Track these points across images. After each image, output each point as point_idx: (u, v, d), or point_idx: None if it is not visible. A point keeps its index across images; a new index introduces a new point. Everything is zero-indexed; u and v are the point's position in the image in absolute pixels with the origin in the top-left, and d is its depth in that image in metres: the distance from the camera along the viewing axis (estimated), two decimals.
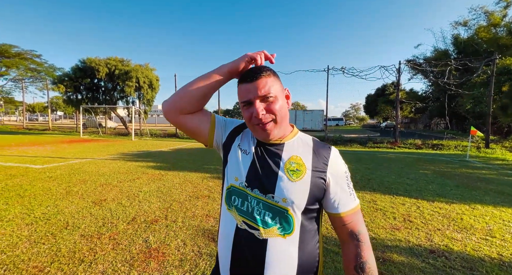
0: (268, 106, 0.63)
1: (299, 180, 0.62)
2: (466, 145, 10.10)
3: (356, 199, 0.67)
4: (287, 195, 0.61)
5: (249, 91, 0.63)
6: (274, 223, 0.62)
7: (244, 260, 0.63)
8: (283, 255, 0.61)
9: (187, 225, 2.57)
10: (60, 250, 2.00)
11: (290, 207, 0.61)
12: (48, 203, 3.05)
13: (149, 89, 16.24)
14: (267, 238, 0.61)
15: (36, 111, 50.12)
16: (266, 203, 0.63)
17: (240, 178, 0.67)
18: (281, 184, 0.62)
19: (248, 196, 0.65)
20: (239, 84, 0.67)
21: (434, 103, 23.52)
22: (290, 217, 0.62)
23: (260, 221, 0.62)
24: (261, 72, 0.64)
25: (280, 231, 0.61)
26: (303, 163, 0.65)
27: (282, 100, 0.66)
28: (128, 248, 2.07)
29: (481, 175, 5.38)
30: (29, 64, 19.45)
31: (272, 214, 0.62)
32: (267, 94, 0.62)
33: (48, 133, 16.00)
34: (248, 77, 0.65)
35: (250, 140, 0.72)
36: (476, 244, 2.29)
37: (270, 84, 0.64)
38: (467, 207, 3.28)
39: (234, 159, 0.71)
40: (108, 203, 3.14)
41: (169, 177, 4.62)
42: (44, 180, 4.16)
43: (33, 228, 2.38)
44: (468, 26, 19.76)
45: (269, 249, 0.60)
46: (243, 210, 0.65)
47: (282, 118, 0.65)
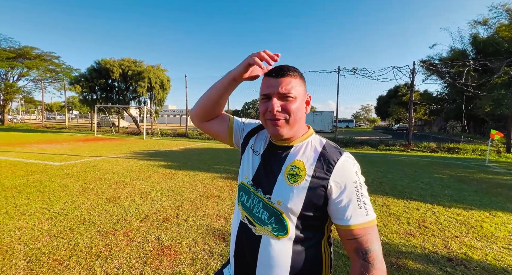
0: (285, 105, 0.63)
1: (297, 185, 0.62)
2: (485, 149, 9.65)
3: (369, 213, 0.59)
4: (282, 198, 0.63)
5: (271, 86, 0.64)
6: (269, 222, 0.64)
7: (242, 252, 0.69)
8: (275, 255, 0.62)
9: (198, 224, 2.60)
10: (78, 245, 2.07)
11: (284, 210, 0.63)
12: (66, 199, 3.18)
13: (161, 90, 16.59)
14: (261, 235, 0.65)
15: (53, 111, 52.35)
16: (264, 202, 0.66)
17: (249, 177, 0.72)
18: (278, 187, 0.64)
19: (252, 194, 0.69)
20: (265, 76, 0.67)
21: (450, 105, 22.65)
22: (284, 220, 0.63)
23: (257, 218, 0.66)
24: (288, 70, 0.64)
25: (274, 231, 0.63)
26: (304, 168, 0.63)
27: (300, 103, 0.65)
28: (141, 245, 2.12)
29: (502, 181, 5.13)
30: (48, 66, 20.38)
31: (268, 214, 0.65)
32: (287, 93, 0.62)
33: (65, 132, 16.68)
34: (274, 72, 0.64)
35: (263, 141, 0.76)
36: (498, 253, 2.18)
37: (293, 85, 0.64)
38: (487, 214, 3.13)
39: (246, 159, 0.75)
40: (122, 200, 3.23)
41: (179, 176, 4.69)
42: (62, 176, 4.33)
43: (52, 222, 2.48)
44: (488, 25, 18.89)
45: (262, 246, 0.64)
46: (247, 206, 0.70)
47: (296, 120, 0.65)
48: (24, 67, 19.77)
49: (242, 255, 0.69)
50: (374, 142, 12.06)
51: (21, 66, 19.56)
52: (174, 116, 52.47)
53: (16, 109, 40.41)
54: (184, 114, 15.94)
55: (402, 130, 27.78)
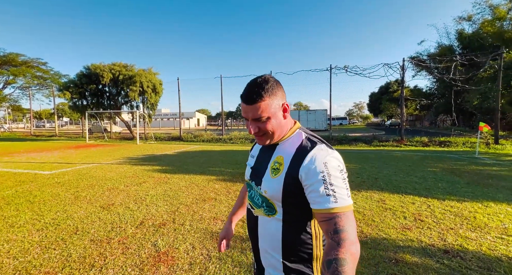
0: (261, 125, 0.73)
1: (276, 177, 0.74)
2: (474, 141, 9.90)
3: (338, 201, 0.62)
4: (267, 188, 0.76)
5: (245, 111, 0.74)
6: (262, 206, 0.79)
7: (250, 229, 0.87)
8: (268, 230, 0.77)
9: (195, 228, 2.57)
10: (71, 255, 2.01)
11: (270, 197, 0.76)
12: (58, 209, 3.09)
13: (153, 94, 16.38)
14: (257, 215, 0.82)
15: (43, 118, 51.08)
16: (258, 192, 0.81)
17: (247, 176, 0.89)
18: (265, 179, 0.77)
19: (253, 187, 0.84)
20: (241, 99, 0.75)
21: (439, 99, 23.17)
22: (271, 204, 0.76)
23: (254, 203, 0.83)
24: (256, 96, 0.70)
25: (266, 212, 0.78)
26: (283, 162, 0.74)
27: (276, 118, 0.74)
28: (137, 252, 2.07)
29: (492, 172, 5.26)
30: (35, 72, 19.84)
31: (261, 200, 0.80)
32: (259, 117, 0.72)
33: (55, 140, 16.27)
34: (245, 99, 0.72)
35: (259, 146, 0.91)
36: (492, 243, 2.22)
37: (263, 108, 0.71)
38: (479, 205, 3.20)
39: (247, 164, 0.94)
40: (116, 207, 3.16)
41: (175, 180, 4.63)
42: (53, 185, 4.21)
43: (43, 233, 2.40)
44: (472, 20, 19.46)
45: (259, 223, 0.81)
46: (250, 196, 0.87)
47: (275, 132, 0.75)
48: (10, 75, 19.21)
49: (251, 233, 0.86)
50: (367, 138, 12.21)
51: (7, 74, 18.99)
52: (168, 119, 51.94)
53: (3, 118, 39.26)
54: (178, 118, 15.78)
55: (395, 126, 28.24)
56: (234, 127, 42.91)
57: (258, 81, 0.71)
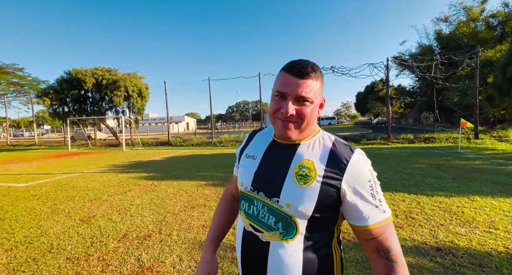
0: (301, 109, 0.59)
1: (307, 186, 0.58)
2: (456, 137, 10.30)
3: (385, 210, 0.58)
4: (292, 201, 0.58)
5: (290, 85, 0.58)
6: (277, 227, 0.60)
7: (250, 261, 0.65)
8: (285, 260, 0.59)
9: (182, 238, 2.43)
10: None
11: (294, 213, 0.59)
12: (31, 224, 2.84)
13: (139, 98, 15.92)
14: (270, 241, 0.61)
15: (21, 127, 48.46)
16: (270, 206, 0.61)
17: (245, 183, 0.68)
18: (287, 189, 0.59)
19: (254, 199, 0.65)
20: (284, 71, 0.60)
21: (422, 97, 24.10)
22: (293, 223, 0.59)
23: (263, 224, 0.62)
24: (312, 71, 0.58)
25: (283, 236, 0.60)
26: (314, 168, 0.59)
27: (315, 108, 0.62)
28: (118, 269, 1.92)
29: (475, 166, 5.44)
30: (11, 79, 18.81)
31: (275, 218, 0.61)
32: (306, 97, 0.58)
33: (34, 149, 15.41)
34: (296, 70, 0.58)
35: (261, 142, 0.72)
36: (481, 237, 2.24)
37: (313, 88, 0.59)
38: (466, 200, 3.26)
39: (241, 167, 0.72)
40: (97, 219, 2.95)
41: (162, 187, 4.44)
42: (28, 199, 3.91)
43: (12, 254, 2.18)
44: (449, 21, 20.46)
45: (271, 252, 0.60)
46: (250, 213, 0.66)
47: (308, 125, 0.62)
48: None
49: (251, 263, 0.66)
50: (356, 137, 12.42)
51: None
52: (156, 124, 50.78)
53: None
54: (166, 122, 15.42)
55: (382, 124, 29.05)
56: (224, 130, 42.58)
57: (311, 62, 0.60)
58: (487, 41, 17.09)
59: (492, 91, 11.25)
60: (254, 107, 68.18)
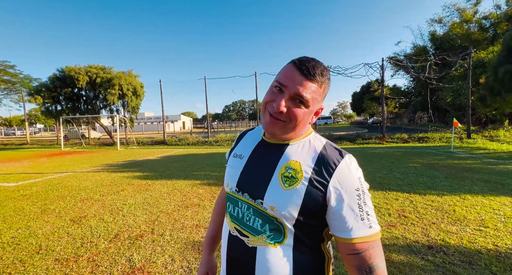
0: (294, 109, 0.55)
1: (292, 188, 0.55)
2: (449, 137, 10.45)
3: (372, 226, 0.53)
4: (276, 204, 0.55)
5: (293, 81, 0.55)
6: (263, 230, 0.57)
7: (236, 267, 0.62)
8: (274, 265, 0.56)
9: (175, 238, 2.40)
10: None
11: (278, 216, 0.56)
12: (20, 225, 2.77)
13: (134, 97, 15.73)
14: (256, 246, 0.58)
15: (13, 125, 47.48)
16: (255, 208, 0.58)
17: (230, 183, 0.65)
18: (271, 190, 0.56)
19: (239, 201, 0.62)
20: (292, 64, 0.57)
21: (416, 97, 24.42)
22: (280, 225, 0.56)
23: (249, 228, 0.59)
24: (320, 76, 0.55)
25: (270, 240, 0.57)
26: (301, 170, 0.56)
27: (310, 112, 0.58)
28: (109, 270, 1.88)
29: (467, 165, 5.53)
30: (2, 76, 18.38)
31: (261, 221, 0.58)
32: (304, 99, 0.54)
33: (26, 148, 15.10)
34: (305, 69, 0.54)
35: (250, 142, 0.69)
36: (471, 235, 2.27)
37: (315, 92, 0.55)
38: (458, 198, 3.31)
39: (228, 167, 0.70)
40: (88, 219, 2.90)
41: (156, 186, 4.39)
42: (17, 199, 3.82)
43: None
44: (443, 23, 20.75)
45: (258, 258, 0.57)
46: (235, 216, 0.63)
47: (296, 127, 0.58)
48: None
49: (237, 271, 0.62)
50: (351, 136, 12.51)
51: None
52: (151, 123, 50.32)
53: None
54: (162, 121, 15.27)
55: (377, 124, 29.33)
56: (221, 129, 42.44)
57: (322, 64, 0.57)
58: (480, 42, 17.39)
59: (484, 92, 11.45)
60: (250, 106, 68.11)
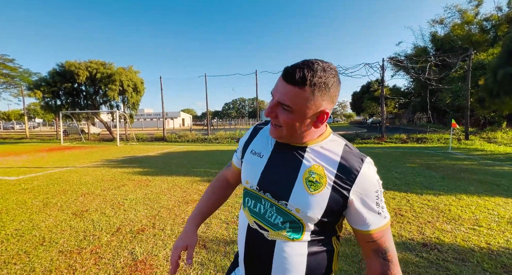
0: (281, 114, 0.58)
1: (317, 193, 0.59)
2: (448, 138, 10.53)
3: (386, 216, 0.60)
4: (302, 207, 0.59)
5: (277, 88, 0.58)
6: (284, 227, 0.62)
7: (254, 258, 0.66)
8: (291, 258, 0.61)
9: (176, 232, 2.45)
10: (34, 270, 1.82)
11: (303, 218, 0.60)
12: (22, 218, 2.81)
13: (134, 93, 15.71)
14: (275, 239, 0.62)
15: (11, 119, 47.27)
16: (279, 207, 0.62)
17: (251, 181, 0.68)
18: (296, 193, 0.60)
19: (262, 198, 0.65)
20: (282, 72, 0.58)
21: (416, 98, 24.47)
22: (301, 225, 0.61)
23: (270, 223, 0.63)
24: (303, 80, 0.53)
25: (289, 235, 0.61)
26: (325, 175, 0.59)
27: (302, 119, 0.57)
28: (112, 262, 1.93)
29: (464, 166, 5.60)
30: (1, 70, 18.27)
31: (283, 219, 0.62)
32: (284, 104, 0.56)
33: (25, 142, 15.09)
34: (287, 74, 0.55)
35: (267, 139, 0.71)
36: (465, 234, 2.33)
37: (296, 98, 0.54)
38: (453, 198, 3.37)
39: (246, 163, 0.72)
40: (90, 213, 2.94)
41: (156, 182, 4.44)
42: (19, 192, 3.86)
43: (3, 246, 2.17)
44: (444, 24, 20.73)
45: (276, 250, 0.62)
46: (256, 211, 0.66)
47: (291, 133, 0.60)
48: None
49: (254, 260, 0.67)
50: (350, 136, 12.57)
51: None
52: (151, 120, 50.23)
53: None
54: (162, 118, 15.27)
55: (376, 124, 29.42)
56: (220, 127, 42.43)
57: (315, 65, 0.54)
58: (480, 44, 17.42)
59: (482, 94, 11.50)
60: (250, 104, 67.97)
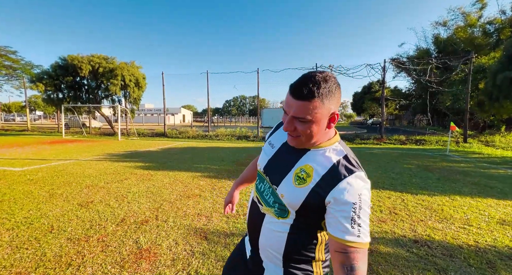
0: (299, 126, 0.65)
1: (300, 187, 0.68)
2: (446, 140, 10.62)
3: (361, 236, 0.59)
4: (285, 194, 0.71)
5: (288, 105, 0.65)
6: (273, 206, 0.74)
7: (252, 223, 0.82)
8: (274, 231, 0.73)
9: (178, 224, 2.55)
10: (45, 255, 1.93)
11: (286, 203, 0.71)
12: (30, 207, 2.92)
13: (136, 88, 15.75)
14: (265, 213, 0.76)
15: (12, 111, 47.28)
16: (272, 190, 0.75)
17: (261, 165, 0.82)
18: (285, 183, 0.71)
19: (264, 180, 0.79)
20: (288, 90, 0.65)
21: (417, 100, 24.49)
22: (286, 209, 0.72)
23: (264, 200, 0.77)
24: (310, 92, 0.60)
25: (276, 214, 0.73)
26: (311, 175, 0.67)
27: (319, 125, 0.65)
28: (118, 250, 2.03)
29: (460, 168, 5.70)
30: (3, 61, 18.27)
31: (274, 199, 0.74)
32: (301, 118, 0.63)
33: (27, 134, 15.17)
34: (295, 92, 0.62)
35: (282, 136, 0.82)
36: (455, 232, 2.44)
37: (309, 109, 0.61)
38: (447, 199, 3.47)
39: (262, 151, 0.86)
40: (95, 204, 3.05)
41: (158, 176, 4.54)
42: (25, 183, 3.96)
43: (14, 233, 2.27)
44: (447, 26, 20.68)
45: (264, 222, 0.75)
46: (258, 188, 0.81)
47: (309, 138, 0.68)
48: None
49: (252, 226, 0.82)
50: (350, 136, 12.66)
51: None
52: (152, 115, 50.24)
53: None
54: (163, 113, 15.33)
55: (376, 125, 29.48)
56: (221, 124, 42.48)
57: (316, 77, 0.61)
58: (483, 47, 17.41)
59: (482, 97, 11.57)
60: (251, 102, 67.89)
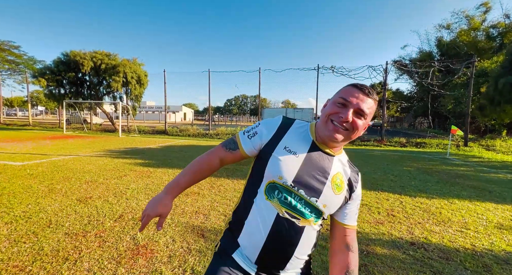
0: (356, 120, 0.71)
1: (339, 194, 0.78)
2: (446, 143, 10.59)
3: (357, 220, 0.85)
4: (328, 203, 0.77)
5: (356, 98, 0.71)
6: (310, 215, 0.76)
7: (279, 241, 0.74)
8: (310, 238, 0.78)
9: (176, 222, 2.56)
10: (43, 249, 1.94)
11: (325, 210, 0.78)
12: (29, 201, 2.93)
13: (137, 85, 15.78)
14: (305, 225, 0.76)
15: (14, 106, 47.42)
16: (307, 202, 0.75)
17: (285, 177, 0.73)
18: (326, 193, 0.76)
19: (292, 193, 0.74)
20: (352, 86, 0.73)
21: (418, 103, 24.43)
22: (321, 212, 0.78)
23: (300, 213, 0.75)
24: (375, 95, 0.73)
25: (314, 221, 0.78)
26: (343, 181, 0.79)
27: (366, 124, 0.76)
28: (115, 246, 2.04)
29: (460, 172, 5.69)
30: (6, 56, 18.32)
31: (309, 210, 0.76)
32: (365, 112, 0.71)
33: (28, 129, 15.23)
34: (365, 89, 0.72)
35: (301, 141, 0.78)
36: (452, 236, 2.44)
37: (371, 109, 0.73)
38: (445, 202, 3.47)
39: (276, 159, 0.75)
40: (94, 200, 3.06)
41: (157, 174, 4.55)
42: (24, 177, 3.98)
43: (12, 226, 2.28)
44: (450, 29, 20.61)
45: (305, 234, 0.76)
46: (287, 203, 0.74)
47: (356, 135, 0.75)
48: None
49: (279, 243, 0.74)
50: None
51: None
52: (153, 112, 50.34)
53: None
54: (164, 111, 15.35)
55: (376, 127, 29.40)
56: (222, 122, 42.50)
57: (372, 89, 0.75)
58: (486, 51, 17.35)
59: (484, 101, 11.53)
60: (252, 102, 67.87)
